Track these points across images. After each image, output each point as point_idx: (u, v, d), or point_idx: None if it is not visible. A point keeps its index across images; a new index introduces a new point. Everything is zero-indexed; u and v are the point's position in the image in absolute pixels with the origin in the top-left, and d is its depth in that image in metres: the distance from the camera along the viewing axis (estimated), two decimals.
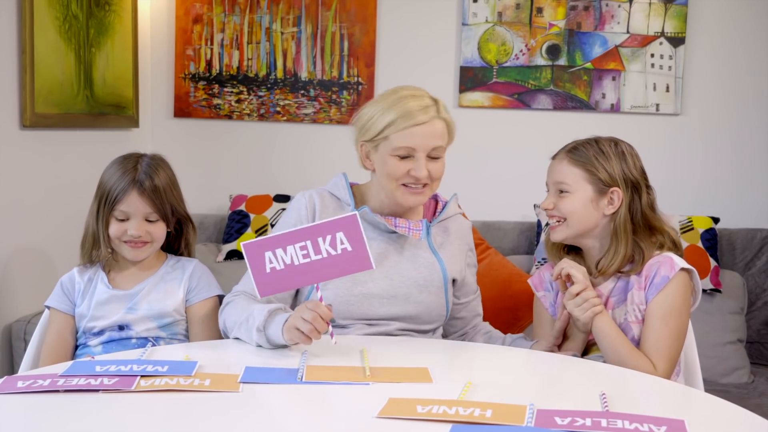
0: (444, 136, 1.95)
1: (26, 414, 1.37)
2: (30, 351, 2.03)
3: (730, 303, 3.09)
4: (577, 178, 1.92)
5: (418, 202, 1.97)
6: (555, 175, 1.96)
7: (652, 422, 1.31)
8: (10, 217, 2.72)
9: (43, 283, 2.82)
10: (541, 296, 2.04)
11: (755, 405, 2.64)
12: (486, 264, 3.10)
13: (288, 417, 1.38)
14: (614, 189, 1.90)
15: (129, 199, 1.96)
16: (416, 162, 1.90)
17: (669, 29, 3.47)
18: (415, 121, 1.89)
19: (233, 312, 1.84)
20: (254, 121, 3.65)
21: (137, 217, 1.97)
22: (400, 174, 1.91)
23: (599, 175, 1.90)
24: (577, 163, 1.93)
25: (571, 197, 1.92)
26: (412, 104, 1.91)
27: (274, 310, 1.74)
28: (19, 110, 2.72)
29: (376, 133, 1.92)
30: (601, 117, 3.54)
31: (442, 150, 1.95)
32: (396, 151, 1.90)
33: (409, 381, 1.53)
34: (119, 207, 1.96)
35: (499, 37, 3.52)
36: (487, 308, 2.22)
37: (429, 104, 1.92)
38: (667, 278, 1.85)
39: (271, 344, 1.73)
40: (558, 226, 1.95)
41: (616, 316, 1.91)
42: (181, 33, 3.63)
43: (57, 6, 2.87)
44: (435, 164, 1.94)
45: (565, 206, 1.93)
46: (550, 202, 1.96)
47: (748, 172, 3.54)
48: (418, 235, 1.97)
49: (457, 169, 3.65)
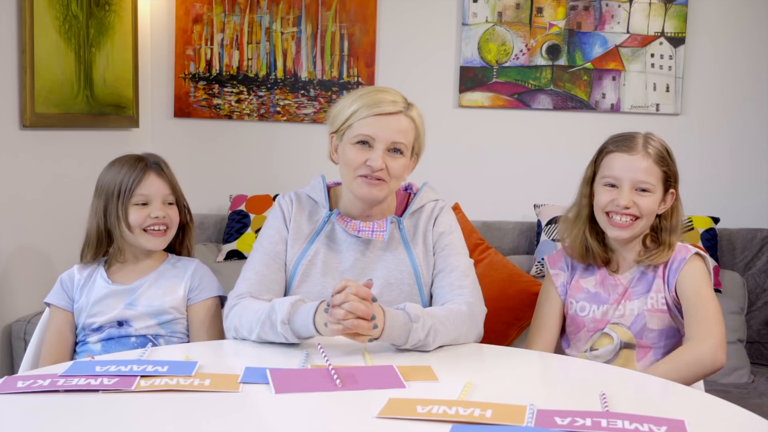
0: (408, 134, 1.90)
1: (26, 414, 1.37)
2: (30, 350, 2.03)
3: (730, 303, 3.09)
4: (658, 178, 1.94)
5: (373, 196, 1.90)
6: (638, 173, 1.93)
7: (652, 422, 1.31)
8: (10, 217, 2.72)
9: (43, 283, 2.82)
10: (553, 274, 2.04)
11: (755, 405, 2.64)
12: (486, 264, 3.10)
13: (288, 417, 1.38)
14: (672, 190, 1.96)
15: (148, 181, 1.98)
16: (374, 152, 1.87)
17: (669, 29, 3.47)
18: (379, 110, 1.87)
19: (246, 313, 1.81)
20: (254, 121, 3.65)
21: (157, 199, 1.99)
22: (357, 163, 1.88)
23: (669, 179, 1.95)
24: (659, 163, 1.94)
25: (651, 197, 1.93)
26: (381, 96, 1.90)
27: (296, 301, 1.72)
28: (19, 110, 2.72)
29: (341, 122, 1.91)
30: (601, 117, 3.54)
31: (404, 147, 1.89)
32: (356, 138, 1.88)
33: (413, 379, 1.53)
34: (138, 191, 1.97)
35: (499, 37, 3.52)
36: (487, 308, 2.22)
37: (399, 100, 1.90)
38: (684, 260, 1.91)
39: (297, 336, 1.71)
40: (630, 224, 1.93)
41: (634, 306, 1.93)
42: (181, 33, 3.63)
43: (57, 6, 2.87)
44: (394, 161, 1.89)
45: (646, 206, 1.92)
46: (629, 199, 1.92)
47: (748, 172, 3.54)
48: (381, 236, 1.92)
49: (457, 169, 3.66)
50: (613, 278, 1.98)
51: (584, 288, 2.00)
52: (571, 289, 2.01)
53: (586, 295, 2.00)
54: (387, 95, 1.90)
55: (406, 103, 1.92)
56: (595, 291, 1.99)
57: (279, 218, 2.00)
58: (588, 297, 1.99)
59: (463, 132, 3.62)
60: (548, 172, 3.50)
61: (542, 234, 3.28)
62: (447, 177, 3.59)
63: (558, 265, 2.05)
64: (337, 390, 1.47)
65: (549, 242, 3.24)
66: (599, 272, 2.01)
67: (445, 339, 1.78)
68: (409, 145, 1.91)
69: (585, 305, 1.99)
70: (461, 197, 3.41)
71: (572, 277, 2.02)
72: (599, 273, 2.01)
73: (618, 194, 1.92)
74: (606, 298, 1.98)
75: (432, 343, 1.74)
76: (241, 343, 1.83)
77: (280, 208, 2.01)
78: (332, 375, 1.51)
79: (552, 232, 3.25)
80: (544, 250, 3.24)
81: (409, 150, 1.92)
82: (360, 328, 1.62)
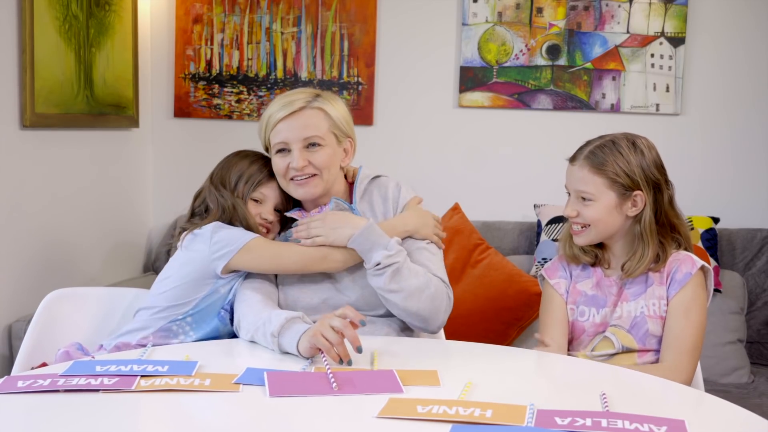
0: (319, 125, 1.95)
1: (26, 414, 1.37)
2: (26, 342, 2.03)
3: (730, 303, 3.09)
4: (599, 186, 1.90)
5: (309, 193, 1.97)
6: (576, 183, 1.94)
7: (652, 422, 1.31)
8: (10, 217, 2.72)
9: (43, 283, 2.82)
10: (554, 283, 2.03)
11: (755, 405, 2.64)
12: (486, 264, 3.10)
13: (288, 417, 1.38)
14: (637, 192, 1.90)
15: (271, 185, 2.04)
16: (292, 154, 1.94)
17: (669, 29, 3.47)
18: (281, 114, 1.95)
19: (248, 313, 1.85)
20: (254, 121, 3.65)
21: (269, 203, 2.04)
22: (283, 170, 1.96)
23: (621, 181, 1.89)
24: (597, 170, 1.90)
25: (594, 205, 1.91)
26: (274, 106, 1.98)
27: (293, 318, 1.74)
28: (19, 110, 2.72)
29: (264, 139, 2.01)
30: (601, 117, 3.54)
31: (319, 139, 1.95)
32: (275, 148, 1.97)
33: (414, 384, 1.53)
34: (260, 189, 2.03)
35: (499, 37, 3.52)
36: (487, 308, 2.21)
37: (295, 99, 1.96)
38: (689, 275, 1.89)
39: (281, 350, 1.73)
40: (582, 231, 1.95)
41: (631, 308, 1.93)
42: (181, 33, 3.63)
43: (57, 6, 2.87)
44: (315, 153, 1.95)
45: (589, 214, 1.92)
46: (573, 209, 1.94)
47: (748, 172, 3.54)
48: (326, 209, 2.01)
49: (457, 168, 3.66)
50: (608, 279, 1.98)
51: (582, 292, 2.00)
52: (570, 295, 2.01)
53: (584, 298, 2.00)
54: (286, 98, 1.98)
55: (311, 96, 1.97)
56: (592, 294, 1.99)
57: None
58: (586, 300, 1.99)
59: (463, 132, 3.61)
60: (548, 172, 3.49)
61: (542, 234, 3.28)
62: (447, 177, 3.60)
63: (557, 273, 2.05)
64: (333, 394, 1.46)
65: (549, 242, 3.24)
66: (595, 274, 2.00)
67: (410, 287, 1.87)
68: (325, 135, 1.96)
69: (584, 309, 1.99)
70: (461, 197, 3.41)
71: (570, 283, 2.02)
72: (595, 275, 2.00)
73: (567, 203, 1.97)
74: (603, 300, 1.97)
75: (390, 281, 1.86)
76: (241, 343, 1.83)
77: None
78: (329, 378, 1.51)
79: (552, 232, 3.25)
80: (544, 250, 3.24)
81: (329, 139, 1.97)
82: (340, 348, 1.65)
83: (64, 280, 2.98)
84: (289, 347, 1.71)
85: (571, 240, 2.00)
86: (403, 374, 1.57)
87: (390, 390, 1.48)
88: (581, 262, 2.02)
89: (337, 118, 1.97)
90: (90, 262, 3.20)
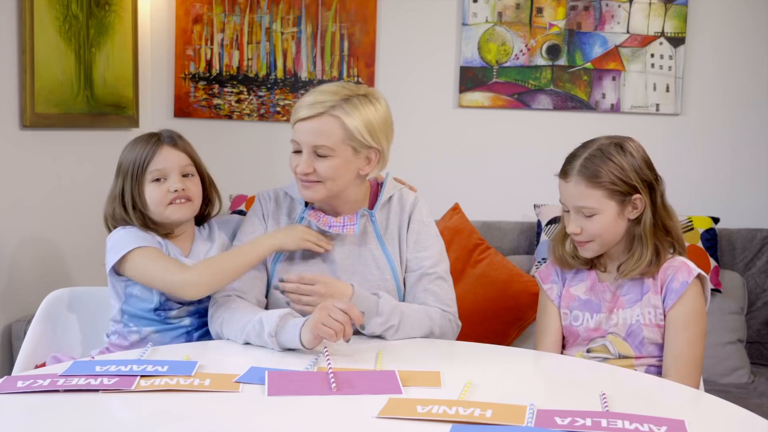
0: (330, 135, 1.86)
1: (26, 414, 1.37)
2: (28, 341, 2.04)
3: (730, 303, 3.09)
4: (599, 198, 1.87)
5: (310, 197, 1.93)
6: (574, 200, 1.90)
7: (652, 422, 1.31)
8: (10, 217, 2.72)
9: (43, 283, 2.82)
10: (547, 288, 2.03)
11: (755, 405, 2.64)
12: (486, 264, 3.10)
13: (288, 417, 1.38)
14: (636, 196, 1.88)
15: (161, 154, 1.91)
16: (301, 157, 1.91)
17: (669, 29, 3.47)
18: (297, 116, 1.90)
19: (232, 318, 1.84)
20: (254, 121, 3.65)
21: (174, 171, 1.92)
22: (292, 167, 1.93)
23: (619, 189, 1.87)
24: (594, 183, 1.87)
25: (598, 218, 1.88)
26: (305, 99, 1.90)
27: (285, 315, 1.75)
28: (19, 110, 2.72)
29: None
30: (601, 117, 3.54)
31: (328, 150, 1.87)
32: (292, 146, 1.94)
33: (415, 384, 1.53)
34: (153, 166, 1.90)
35: (499, 37, 3.52)
36: (487, 308, 2.21)
37: (321, 100, 1.86)
38: (686, 284, 1.86)
39: (281, 348, 1.74)
40: (587, 244, 1.91)
41: (627, 316, 1.91)
42: (181, 33, 3.63)
43: (57, 6, 2.87)
44: (321, 163, 1.88)
45: (594, 228, 1.89)
46: (577, 226, 1.90)
47: (748, 172, 3.54)
48: (352, 230, 1.94)
49: (457, 169, 3.66)
50: (602, 284, 1.97)
51: (575, 296, 1.99)
52: (563, 300, 2.00)
53: (577, 303, 1.98)
54: (316, 95, 1.89)
55: (337, 100, 1.87)
56: (586, 298, 1.97)
57: (258, 215, 2.04)
58: (580, 305, 1.98)
59: (463, 132, 3.61)
60: (548, 173, 3.45)
61: (542, 234, 3.28)
62: (447, 177, 3.59)
63: (550, 278, 2.04)
64: (332, 394, 1.46)
65: (549, 242, 3.23)
66: (589, 278, 1.99)
67: (414, 335, 1.90)
68: (336, 146, 1.87)
69: (578, 314, 1.98)
70: (461, 197, 3.41)
71: (563, 288, 2.02)
72: (589, 278, 1.99)
73: (568, 220, 1.93)
74: (598, 305, 1.95)
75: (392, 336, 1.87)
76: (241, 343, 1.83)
77: (260, 205, 2.06)
78: (329, 379, 1.51)
79: (552, 232, 3.25)
80: (544, 250, 3.24)
81: (341, 150, 1.88)
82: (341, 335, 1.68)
83: (64, 280, 2.98)
84: (290, 343, 1.71)
85: (561, 243, 2.00)
86: (406, 375, 1.57)
87: (389, 391, 1.48)
88: (574, 266, 2.00)
89: (355, 129, 1.86)
90: (90, 262, 3.20)
